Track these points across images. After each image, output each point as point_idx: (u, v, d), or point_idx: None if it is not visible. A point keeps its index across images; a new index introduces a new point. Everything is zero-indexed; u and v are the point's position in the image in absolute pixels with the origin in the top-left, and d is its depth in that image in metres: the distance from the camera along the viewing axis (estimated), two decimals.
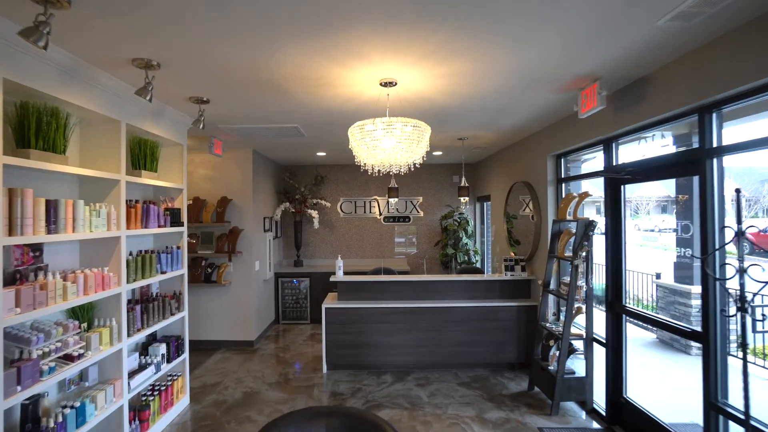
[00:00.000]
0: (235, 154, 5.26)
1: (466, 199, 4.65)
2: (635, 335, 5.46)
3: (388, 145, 2.62)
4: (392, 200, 4.50)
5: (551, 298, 4.00)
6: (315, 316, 6.40)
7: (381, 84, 2.78)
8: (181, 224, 3.57)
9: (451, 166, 7.18)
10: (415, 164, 2.87)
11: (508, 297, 4.54)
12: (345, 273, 6.28)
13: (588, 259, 3.37)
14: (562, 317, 3.79)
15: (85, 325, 2.53)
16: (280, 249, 6.87)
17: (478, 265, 6.74)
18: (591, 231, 3.34)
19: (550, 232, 3.95)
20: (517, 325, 4.38)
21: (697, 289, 4.60)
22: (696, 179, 2.38)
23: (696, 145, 2.41)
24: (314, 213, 6.49)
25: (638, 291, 6.84)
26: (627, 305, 3.08)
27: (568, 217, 3.61)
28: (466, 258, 6.61)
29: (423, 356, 4.38)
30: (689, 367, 4.53)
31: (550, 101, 3.22)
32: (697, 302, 4.60)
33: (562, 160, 4.08)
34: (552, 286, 3.87)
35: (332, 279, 4.48)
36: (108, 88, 2.60)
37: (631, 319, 3.15)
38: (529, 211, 4.85)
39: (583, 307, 3.41)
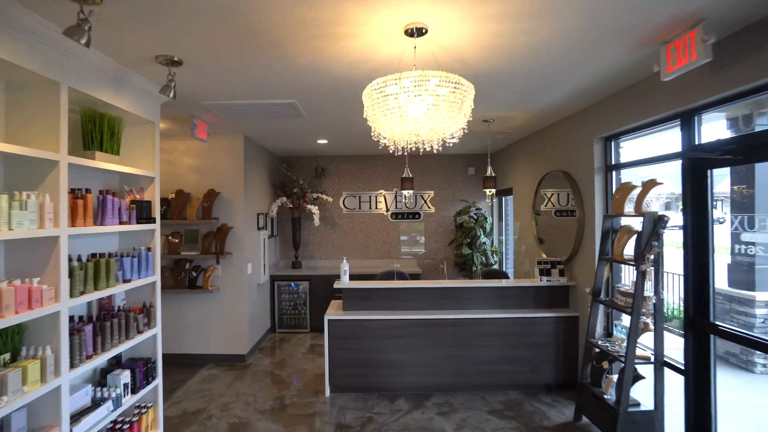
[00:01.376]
0: (223, 141, 4.58)
1: (492, 191, 3.99)
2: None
3: (418, 112, 1.95)
4: (406, 193, 3.83)
5: (601, 309, 3.34)
6: (315, 324, 5.73)
7: (406, 33, 2.10)
8: (151, 220, 2.89)
9: (465, 156, 6.51)
10: (452, 137, 2.20)
11: (543, 306, 3.88)
12: (349, 277, 5.61)
13: (658, 264, 2.70)
14: (616, 333, 3.14)
15: (6, 357, 1.86)
16: (276, 249, 6.19)
17: (497, 266, 6.08)
18: (661, 228, 2.68)
19: (600, 229, 3.29)
20: (555, 339, 3.72)
21: (764, 296, 3.94)
22: None
23: None
24: (314, 209, 5.81)
25: (670, 295, 6.18)
26: (717, 322, 2.42)
27: (627, 212, 2.95)
28: (484, 259, 5.95)
29: (444, 377, 3.71)
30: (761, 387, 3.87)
31: (617, 63, 2.54)
32: (763, 311, 3.94)
33: (612, 143, 3.41)
34: (603, 294, 3.21)
35: (337, 285, 3.81)
36: (38, 35, 1.92)
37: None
38: (551, 206, 4.20)
39: (651, 323, 2.74)
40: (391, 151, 2.34)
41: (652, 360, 2.74)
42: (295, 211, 6.04)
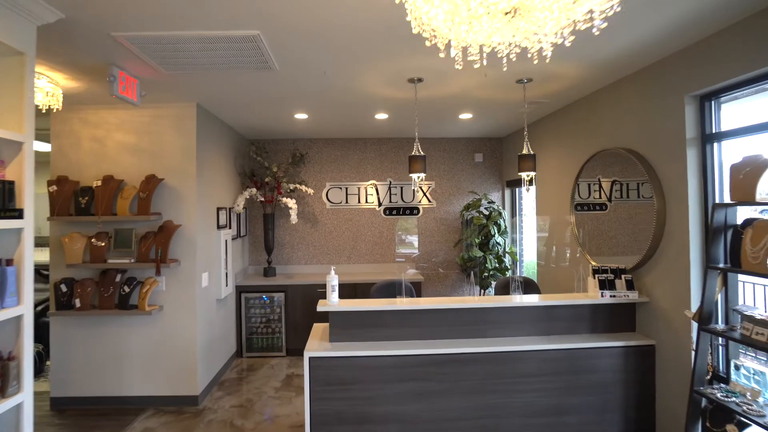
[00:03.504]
0: (168, 111, 3.41)
1: (531, 174, 2.96)
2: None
3: None
4: (416, 177, 2.74)
5: (701, 338, 2.34)
6: (294, 347, 4.61)
7: None
8: (13, 214, 1.74)
9: (471, 141, 5.49)
10: (564, 40, 1.15)
11: (602, 330, 2.89)
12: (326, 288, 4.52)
13: None
14: (736, 378, 2.16)
15: None
16: (244, 252, 5.03)
17: (509, 272, 5.09)
18: None
19: (700, 224, 2.31)
20: (624, 378, 2.73)
21: None
22: None
23: None
24: (291, 202, 4.68)
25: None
26: None
27: (761, 198, 1.96)
28: (497, 263, 4.95)
29: None
30: None
31: None
32: None
33: (711, 104, 2.43)
34: (718, 321, 2.21)
35: (322, 308, 2.71)
36: None
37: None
38: (601, 196, 3.23)
39: None
40: (445, 56, 1.25)
41: None
42: (267, 205, 4.89)
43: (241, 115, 3.94)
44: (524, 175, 3.02)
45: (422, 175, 2.94)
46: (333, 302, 2.71)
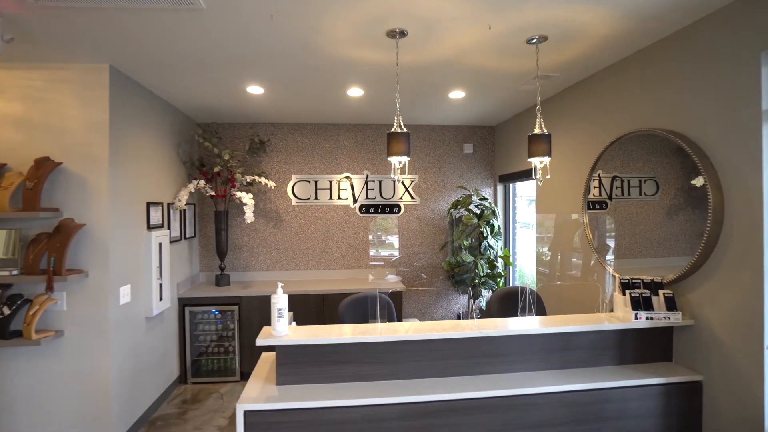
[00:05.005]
0: (70, 74, 2.58)
1: (545, 161, 2.27)
2: None
3: None
4: (397, 161, 2.01)
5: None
6: (248, 370, 3.83)
7: None
8: None
9: (459, 129, 4.83)
10: None
11: (633, 361, 2.26)
12: (296, 299, 3.78)
13: None
14: None
15: None
16: (192, 258, 4.22)
17: (502, 281, 4.45)
18: None
19: None
20: (665, 424, 2.10)
21: None
22: None
23: None
24: (246, 197, 3.89)
25: None
26: None
27: None
28: (489, 268, 4.30)
29: None
30: None
31: None
32: None
33: None
34: None
35: (263, 341, 1.96)
36: None
37: None
38: (623, 190, 2.62)
39: None
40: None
41: None
42: (219, 201, 4.10)
43: (178, 86, 3.13)
44: (536, 161, 2.35)
45: (405, 159, 2.23)
46: (279, 332, 1.97)
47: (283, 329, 1.98)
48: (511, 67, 2.83)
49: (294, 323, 2.40)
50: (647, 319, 2.17)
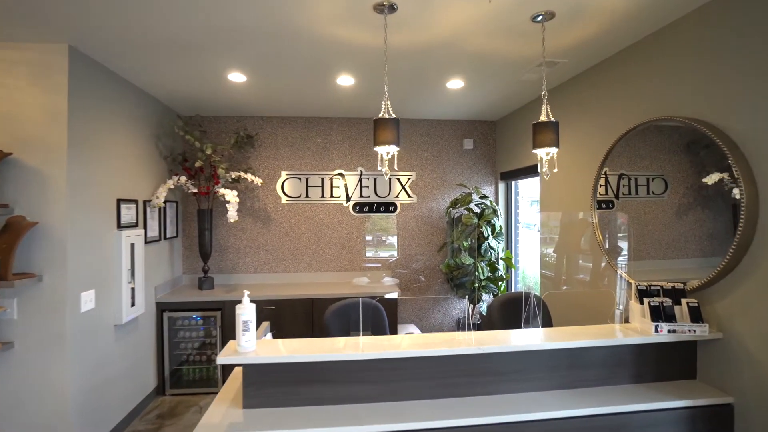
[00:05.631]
0: (22, 54, 2.32)
1: (551, 152, 1.99)
2: None
3: None
4: (385, 151, 1.74)
5: None
6: None
7: None
8: None
9: (458, 124, 4.56)
10: None
11: (652, 379, 1.99)
12: (284, 304, 3.53)
13: None
14: None
15: None
16: (174, 259, 3.96)
17: (504, 285, 4.17)
18: None
19: None
20: None
21: None
22: None
23: None
24: (230, 194, 3.64)
25: None
26: None
27: None
28: (489, 271, 4.03)
29: None
30: None
31: None
32: None
33: None
34: None
35: (225, 360, 1.69)
36: None
37: None
38: (637, 188, 2.36)
39: None
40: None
41: None
42: (202, 198, 3.84)
43: (152, 72, 2.88)
44: (542, 152, 2.08)
45: (393, 149, 1.96)
46: (245, 348, 1.71)
47: (249, 344, 1.71)
48: (513, 51, 2.56)
49: (270, 335, 2.14)
50: (669, 332, 1.89)
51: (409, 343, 1.87)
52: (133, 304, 3.02)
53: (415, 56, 2.63)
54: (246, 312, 1.71)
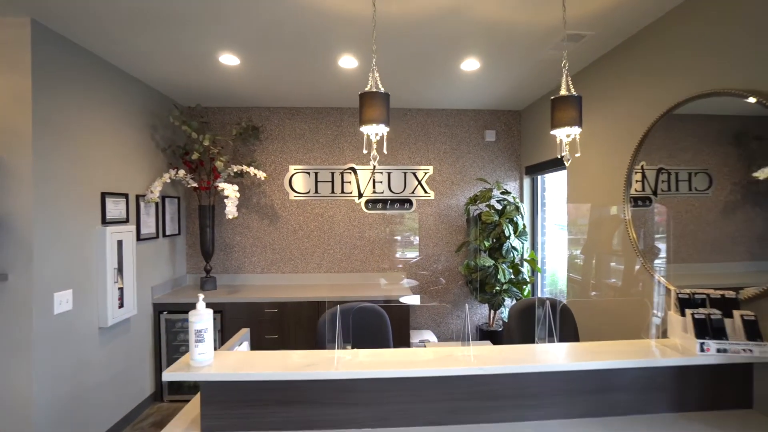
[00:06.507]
0: None
1: (573, 133, 1.60)
2: None
3: None
4: (372, 132, 1.39)
5: None
6: None
7: None
8: None
9: (479, 114, 4.16)
10: None
11: (696, 407, 1.56)
12: (289, 307, 3.28)
13: None
14: None
15: None
16: (176, 258, 3.78)
17: (529, 289, 3.72)
18: None
19: None
20: None
21: None
22: None
23: None
24: (230, 189, 3.40)
25: None
26: None
27: None
28: (512, 273, 3.61)
29: None
30: None
31: None
32: None
33: None
34: None
35: (173, 376, 1.41)
36: None
37: None
38: (638, 189, 1.93)
39: None
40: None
41: None
42: (203, 194, 3.64)
43: (130, 50, 2.65)
44: (562, 133, 1.68)
45: (383, 129, 1.63)
46: (200, 362, 1.42)
47: (204, 357, 1.42)
48: (531, 21, 2.17)
49: (246, 344, 1.85)
50: (719, 351, 1.46)
51: (395, 360, 1.52)
52: (121, 305, 2.83)
53: (419, 29, 2.29)
54: (201, 319, 1.43)
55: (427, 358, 1.54)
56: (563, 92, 1.72)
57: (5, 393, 2.14)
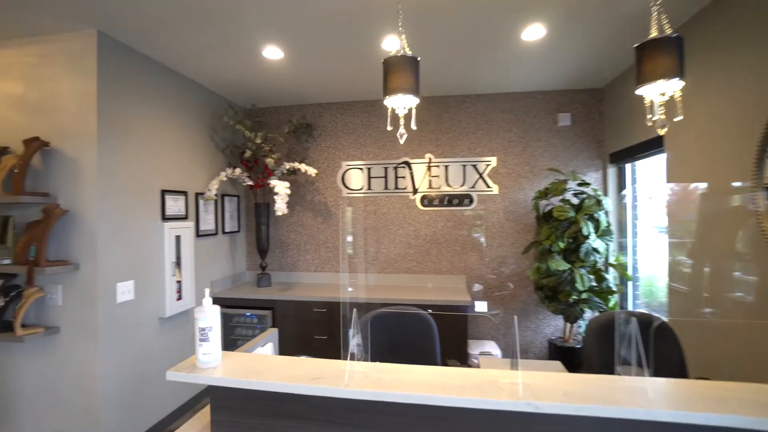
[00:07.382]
0: (60, 45, 2.33)
1: (669, 89, 1.20)
2: None
3: None
4: (399, 104, 1.16)
5: None
6: None
7: None
8: None
9: (549, 95, 3.66)
10: None
11: None
12: (333, 306, 3.16)
13: None
14: None
15: None
16: (236, 254, 3.89)
17: (616, 300, 3.13)
18: None
19: None
20: None
21: None
22: None
23: None
24: (280, 186, 3.39)
25: None
26: None
27: None
28: (594, 281, 3.08)
29: None
30: None
31: None
32: None
33: None
34: None
35: (176, 376, 1.30)
36: None
37: None
38: None
39: None
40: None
41: None
42: (258, 191, 3.69)
43: (181, 48, 2.72)
44: (652, 90, 1.27)
45: (411, 99, 1.38)
46: (205, 363, 1.31)
47: (209, 358, 1.31)
48: None
49: (270, 345, 1.73)
50: None
51: (423, 380, 1.26)
52: (179, 298, 2.94)
53: None
54: (206, 316, 1.31)
55: (463, 382, 1.26)
56: (653, 34, 1.30)
57: (78, 366, 2.31)
